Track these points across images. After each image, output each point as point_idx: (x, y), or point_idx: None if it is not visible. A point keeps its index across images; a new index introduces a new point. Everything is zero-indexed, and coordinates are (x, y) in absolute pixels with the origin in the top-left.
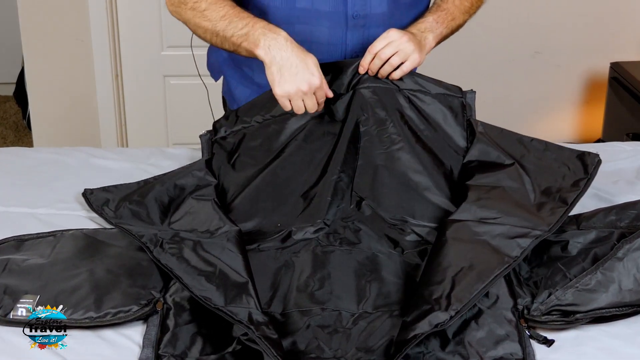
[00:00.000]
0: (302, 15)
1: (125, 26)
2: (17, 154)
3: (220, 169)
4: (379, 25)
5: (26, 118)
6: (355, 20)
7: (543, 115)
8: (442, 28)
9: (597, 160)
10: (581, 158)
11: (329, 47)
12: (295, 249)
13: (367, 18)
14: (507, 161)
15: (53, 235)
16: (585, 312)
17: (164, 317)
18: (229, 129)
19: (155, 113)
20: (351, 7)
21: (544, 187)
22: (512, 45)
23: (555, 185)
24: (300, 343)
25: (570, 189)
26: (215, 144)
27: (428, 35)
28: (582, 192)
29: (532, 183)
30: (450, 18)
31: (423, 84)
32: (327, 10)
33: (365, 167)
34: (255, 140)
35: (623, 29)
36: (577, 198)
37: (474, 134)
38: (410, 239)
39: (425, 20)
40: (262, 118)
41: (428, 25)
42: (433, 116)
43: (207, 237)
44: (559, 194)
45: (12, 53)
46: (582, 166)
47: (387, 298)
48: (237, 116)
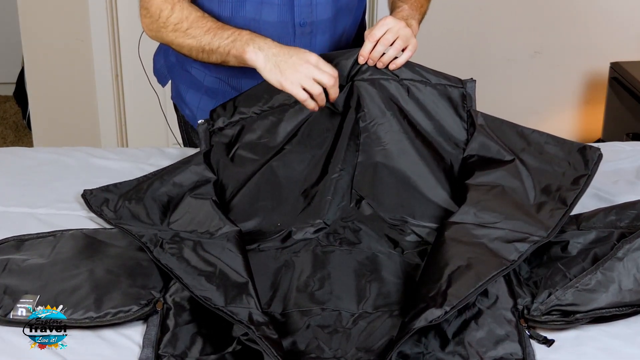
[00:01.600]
0: (251, 25)
1: (125, 26)
2: (17, 154)
3: (219, 163)
4: (324, 32)
5: (26, 118)
6: (302, 28)
7: (543, 115)
8: (417, 14)
9: (598, 154)
10: (582, 152)
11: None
12: (295, 249)
13: (313, 25)
14: (507, 157)
15: (53, 235)
16: (585, 312)
17: (164, 317)
18: (226, 119)
19: (156, 113)
20: (298, 16)
21: (544, 184)
22: (512, 45)
23: (555, 182)
24: (300, 343)
25: (570, 187)
26: (214, 135)
27: (412, 22)
28: (582, 191)
29: (532, 180)
30: (419, 5)
31: (422, 74)
32: (275, 20)
33: (365, 165)
34: (254, 133)
35: (623, 29)
36: (577, 198)
37: (474, 126)
38: (410, 239)
39: (402, 9)
40: (260, 109)
41: (406, 13)
42: (432, 108)
43: (207, 238)
44: (558, 193)
45: (12, 53)
46: (583, 161)
47: (387, 298)
48: (234, 106)
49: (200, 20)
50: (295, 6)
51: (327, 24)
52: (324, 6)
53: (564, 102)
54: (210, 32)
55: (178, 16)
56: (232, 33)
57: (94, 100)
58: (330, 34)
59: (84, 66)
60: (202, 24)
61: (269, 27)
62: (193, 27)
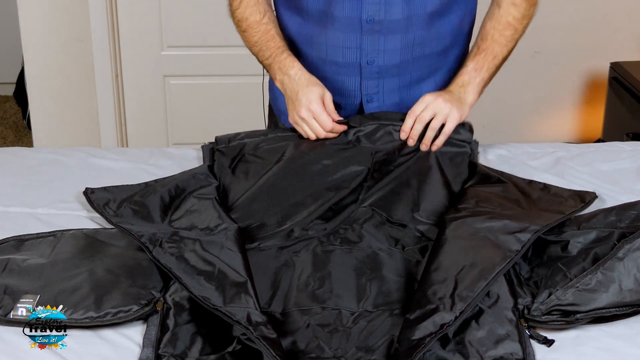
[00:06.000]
0: (321, 18)
1: (125, 26)
2: (17, 154)
3: (222, 172)
4: (395, 32)
5: (26, 118)
6: (369, 25)
7: (543, 115)
8: (484, 73)
9: (593, 195)
10: (579, 194)
11: (344, 51)
12: (295, 249)
13: (383, 24)
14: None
15: (53, 235)
16: (585, 312)
17: (164, 317)
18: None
19: (155, 113)
20: (365, 12)
21: (541, 206)
22: None
23: (552, 207)
24: (300, 342)
25: (567, 207)
26: (217, 152)
27: (468, 89)
28: (578, 210)
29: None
30: (491, 57)
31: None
32: (342, 14)
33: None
34: (258, 148)
35: (623, 29)
36: (574, 212)
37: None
38: (411, 235)
39: (464, 72)
40: (265, 137)
41: (466, 77)
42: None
43: (207, 235)
44: (556, 209)
45: (12, 53)
46: (580, 200)
47: (387, 297)
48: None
49: (254, 27)
50: (363, 2)
51: (398, 26)
52: (395, 6)
53: (564, 102)
54: (257, 46)
55: (242, 13)
56: (270, 55)
57: (94, 100)
58: (401, 37)
59: (84, 66)
60: (254, 32)
61: (336, 21)
62: (248, 31)
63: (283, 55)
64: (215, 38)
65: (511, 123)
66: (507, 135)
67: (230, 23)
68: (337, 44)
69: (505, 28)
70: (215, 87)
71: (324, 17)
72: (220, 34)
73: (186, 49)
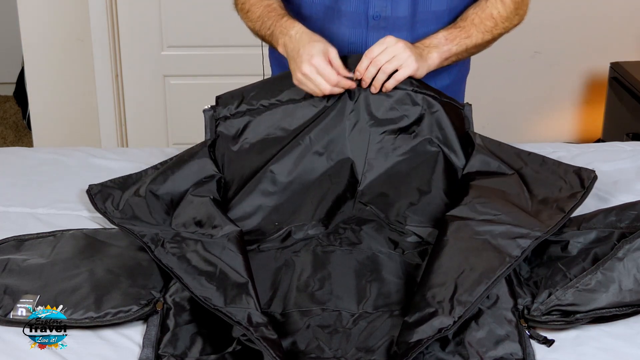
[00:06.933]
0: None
1: (125, 26)
2: (17, 154)
3: (224, 157)
4: (401, 29)
5: (26, 118)
6: (375, 21)
7: (543, 115)
8: (452, 45)
9: (593, 175)
10: (577, 173)
11: (350, 46)
12: (295, 249)
13: (389, 20)
14: (508, 172)
15: (53, 235)
16: (585, 312)
17: (164, 317)
18: (233, 108)
19: (155, 113)
20: (372, 8)
21: (541, 197)
22: (512, 45)
23: (552, 196)
24: (300, 343)
25: (567, 199)
26: (219, 124)
27: (432, 51)
28: (578, 203)
29: (530, 193)
30: (465, 36)
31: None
32: (349, 9)
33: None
34: (261, 127)
35: (623, 29)
36: (575, 207)
37: (473, 146)
38: (410, 240)
39: (434, 36)
40: (268, 102)
41: (435, 41)
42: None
43: (208, 238)
44: (556, 203)
45: (12, 53)
46: (579, 180)
47: (387, 298)
48: (242, 96)
49: (257, 4)
50: None
51: (405, 22)
52: (401, 3)
53: (564, 102)
54: (259, 20)
55: None
56: (272, 23)
57: (94, 100)
58: (406, 34)
59: (84, 66)
60: (256, 8)
61: (342, 16)
62: (251, 10)
63: (284, 19)
64: (215, 38)
65: (511, 123)
66: (507, 135)
67: (231, 23)
68: (343, 39)
69: (487, 18)
70: (215, 87)
71: (330, 12)
72: (220, 34)
73: (186, 49)
